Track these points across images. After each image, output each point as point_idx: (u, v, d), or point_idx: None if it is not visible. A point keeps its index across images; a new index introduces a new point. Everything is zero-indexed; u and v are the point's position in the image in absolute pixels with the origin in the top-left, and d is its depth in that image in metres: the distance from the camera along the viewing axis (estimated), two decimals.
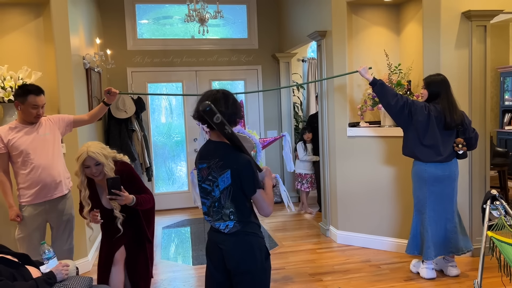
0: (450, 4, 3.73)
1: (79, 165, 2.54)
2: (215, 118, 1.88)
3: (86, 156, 2.49)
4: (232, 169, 1.94)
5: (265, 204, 2.01)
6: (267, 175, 2.12)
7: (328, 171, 4.60)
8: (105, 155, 2.56)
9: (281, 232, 4.95)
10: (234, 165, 1.94)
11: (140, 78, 6.02)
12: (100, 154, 2.52)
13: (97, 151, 2.52)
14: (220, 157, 1.98)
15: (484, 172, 3.89)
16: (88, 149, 2.51)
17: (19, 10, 3.73)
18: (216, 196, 2.00)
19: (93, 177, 2.59)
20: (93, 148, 2.53)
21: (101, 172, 2.56)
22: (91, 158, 2.51)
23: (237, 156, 1.97)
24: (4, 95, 3.37)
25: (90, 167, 2.54)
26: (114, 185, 2.49)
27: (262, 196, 2.00)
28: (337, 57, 4.32)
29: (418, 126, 3.28)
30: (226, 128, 1.92)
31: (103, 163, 2.53)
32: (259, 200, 2.00)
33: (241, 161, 1.95)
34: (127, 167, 2.72)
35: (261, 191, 2.00)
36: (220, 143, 2.02)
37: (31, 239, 2.98)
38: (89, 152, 2.50)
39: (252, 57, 6.33)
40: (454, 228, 3.37)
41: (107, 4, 5.81)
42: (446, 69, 3.73)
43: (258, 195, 1.98)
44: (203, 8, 4.58)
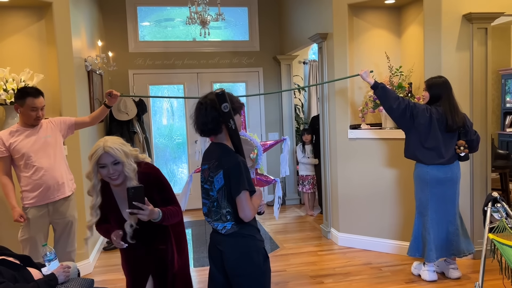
0: (451, 7, 3.74)
1: (92, 164, 2.05)
2: (223, 106, 1.90)
3: (102, 152, 2.01)
4: (224, 169, 1.97)
5: (247, 207, 1.95)
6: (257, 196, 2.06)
7: (330, 173, 4.60)
8: (125, 152, 2.07)
9: (282, 234, 4.95)
10: (225, 165, 1.97)
11: (141, 80, 6.03)
12: (119, 151, 2.04)
13: (115, 147, 2.03)
14: (216, 158, 2.03)
15: (486, 174, 3.89)
16: (104, 144, 2.02)
17: (22, 12, 3.74)
18: (214, 196, 2.03)
19: (110, 180, 2.09)
20: (111, 143, 2.04)
21: (120, 173, 2.07)
22: (108, 155, 2.02)
23: (229, 157, 2.00)
24: (6, 97, 3.38)
25: (106, 166, 2.04)
26: (136, 196, 1.97)
27: (246, 199, 1.95)
28: (338, 59, 4.32)
29: (420, 128, 3.28)
30: (230, 122, 1.94)
31: (122, 162, 2.03)
32: (242, 201, 1.94)
33: (231, 162, 1.97)
34: (154, 170, 2.22)
35: (247, 194, 1.95)
36: (218, 144, 2.07)
37: (34, 241, 2.99)
38: (106, 148, 2.01)
39: (253, 59, 6.34)
40: (456, 230, 3.37)
41: (109, 7, 5.83)
42: (447, 72, 3.74)
43: (242, 196, 1.94)
44: (204, 10, 4.59)
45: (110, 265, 4.15)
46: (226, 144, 2.05)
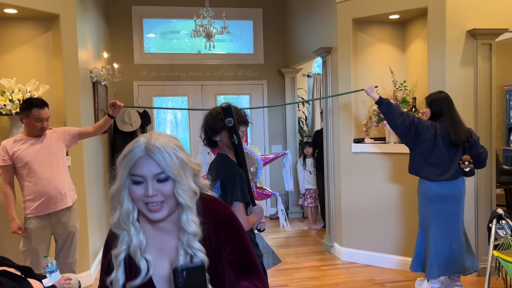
0: (455, 23, 3.75)
1: (122, 176, 1.18)
2: (227, 120, 1.92)
3: (141, 154, 1.15)
4: (221, 179, 1.97)
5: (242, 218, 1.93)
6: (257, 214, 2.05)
7: (333, 187, 4.58)
8: (183, 161, 1.19)
9: (284, 248, 4.92)
10: (222, 175, 1.98)
11: (146, 92, 6.06)
12: (173, 157, 1.17)
13: (168, 149, 1.16)
14: (215, 168, 2.05)
15: (490, 190, 3.86)
16: (149, 141, 1.16)
17: (30, 24, 3.79)
18: None
19: (147, 210, 1.18)
20: (162, 141, 1.17)
21: (166, 198, 1.17)
22: (152, 161, 1.15)
23: (227, 167, 2.01)
24: (12, 107, 3.40)
25: (144, 182, 1.16)
26: (192, 280, 1.12)
27: (237, 210, 1.93)
28: (343, 73, 4.33)
29: (424, 145, 3.27)
30: (234, 137, 1.95)
31: (175, 178, 1.16)
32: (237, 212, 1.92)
33: (228, 172, 1.98)
34: (228, 210, 1.31)
35: (240, 206, 1.94)
36: (220, 155, 2.09)
37: (36, 252, 2.98)
38: (151, 146, 1.15)
39: (257, 72, 6.37)
40: (460, 247, 3.33)
41: (115, 19, 5.89)
42: (451, 87, 3.74)
43: (234, 207, 1.93)
44: (209, 23, 4.63)
45: None
46: (228, 156, 2.05)
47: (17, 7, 3.51)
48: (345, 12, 4.28)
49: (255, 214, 2.04)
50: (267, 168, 6.12)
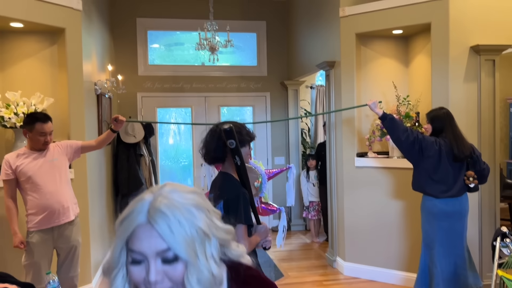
0: (458, 38, 3.76)
1: (116, 247, 0.87)
2: (229, 142, 1.91)
3: (141, 221, 0.84)
4: (224, 200, 1.95)
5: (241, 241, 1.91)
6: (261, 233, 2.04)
7: (336, 201, 4.57)
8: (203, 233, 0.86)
9: (287, 262, 4.89)
10: (225, 196, 1.96)
11: (149, 103, 6.09)
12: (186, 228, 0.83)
13: (179, 216, 0.84)
14: (218, 188, 2.03)
15: (494, 205, 3.85)
16: (154, 202, 0.85)
17: (35, 37, 3.82)
18: None
19: None
20: (173, 200, 0.85)
21: (175, 285, 0.85)
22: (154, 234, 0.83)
23: (230, 188, 1.98)
24: (17, 120, 3.42)
25: (144, 261, 0.84)
26: None
27: (242, 232, 1.92)
28: (346, 87, 4.34)
29: (428, 161, 3.25)
30: (236, 158, 1.94)
31: (188, 259, 0.83)
32: (238, 235, 1.91)
33: (232, 193, 1.96)
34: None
35: (242, 228, 1.93)
36: (222, 173, 2.07)
37: (38, 266, 2.97)
38: (155, 212, 0.83)
39: (261, 84, 6.39)
40: (464, 264, 3.30)
41: (120, 31, 5.93)
42: (454, 102, 3.74)
43: (239, 229, 1.92)
44: (213, 37, 4.66)
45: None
46: (232, 174, 2.04)
47: (23, 21, 3.55)
48: (349, 27, 4.30)
49: (259, 233, 2.02)
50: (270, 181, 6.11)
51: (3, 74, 3.76)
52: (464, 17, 3.77)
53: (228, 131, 1.90)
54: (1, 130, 3.63)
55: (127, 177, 5.44)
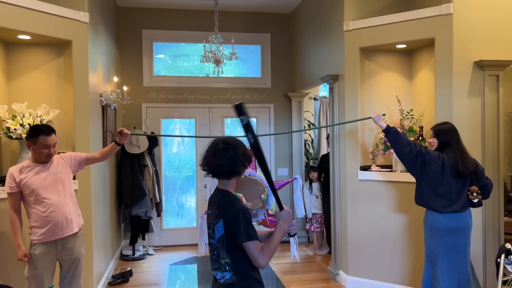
0: (462, 54, 3.77)
1: None
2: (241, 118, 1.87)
3: None
4: (224, 219, 1.93)
5: (256, 256, 1.89)
6: (285, 218, 2.00)
7: (339, 214, 4.56)
8: None
9: (289, 275, 4.87)
10: (225, 215, 1.93)
11: (154, 114, 6.12)
12: None
13: None
14: (217, 206, 2.00)
15: (498, 220, 3.82)
16: None
17: (42, 49, 3.86)
18: (214, 244, 1.99)
19: None
20: None
21: None
22: None
23: (230, 206, 1.95)
24: (22, 132, 3.44)
25: None
26: None
27: (252, 249, 1.89)
28: (349, 100, 4.36)
29: (431, 176, 3.25)
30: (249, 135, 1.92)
31: None
32: (250, 252, 1.90)
33: (231, 212, 1.92)
34: None
35: (255, 243, 1.89)
36: (221, 191, 2.04)
37: (41, 278, 2.97)
38: None
39: (264, 96, 6.42)
40: (468, 280, 3.28)
41: (126, 42, 6.00)
42: (458, 117, 3.74)
43: (247, 247, 1.89)
44: (218, 50, 4.69)
45: None
46: (230, 192, 2.01)
47: (30, 34, 3.59)
48: (353, 41, 4.32)
49: (284, 220, 1.98)
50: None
51: (10, 86, 3.80)
52: (468, 32, 3.78)
53: (238, 106, 1.83)
54: (6, 141, 3.65)
55: (131, 187, 5.45)
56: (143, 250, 5.80)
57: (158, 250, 5.96)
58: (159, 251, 5.94)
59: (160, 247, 6.06)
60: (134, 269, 5.06)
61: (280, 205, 2.02)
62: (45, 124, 3.27)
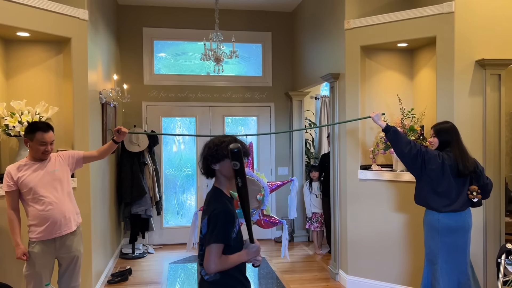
0: (463, 52, 3.75)
1: None
2: (233, 163, 1.86)
3: None
4: (208, 216, 1.92)
5: (210, 258, 1.87)
6: (250, 252, 1.97)
7: (339, 214, 4.54)
8: None
9: (289, 274, 4.85)
10: (209, 212, 1.92)
11: (154, 112, 6.11)
12: None
13: None
14: (207, 203, 2.00)
15: (499, 220, 3.80)
16: None
17: (41, 47, 3.85)
18: (202, 239, 1.97)
19: None
20: None
21: None
22: None
23: (215, 204, 1.94)
24: (21, 129, 3.43)
25: None
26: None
27: (212, 252, 1.86)
28: (350, 99, 4.34)
29: (431, 175, 3.22)
30: (238, 180, 1.89)
31: None
32: (208, 252, 1.88)
33: (215, 209, 1.91)
34: None
35: (215, 247, 1.86)
36: (213, 188, 2.03)
37: (39, 276, 2.95)
38: None
39: (265, 95, 6.40)
40: (468, 281, 3.25)
41: (126, 40, 5.98)
42: (459, 116, 3.72)
43: (210, 247, 1.87)
44: (219, 48, 4.67)
45: None
46: (222, 191, 2.00)
47: (29, 31, 3.58)
48: (354, 39, 4.30)
49: (248, 252, 1.96)
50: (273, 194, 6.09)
51: (9, 83, 3.78)
52: (470, 31, 3.76)
53: (235, 152, 1.83)
54: (5, 138, 3.65)
55: (131, 185, 5.44)
56: (143, 248, 5.79)
57: (158, 249, 5.95)
58: (159, 249, 5.93)
59: (160, 246, 6.06)
60: (133, 267, 5.05)
61: (251, 239, 1.99)
62: (43, 121, 3.26)
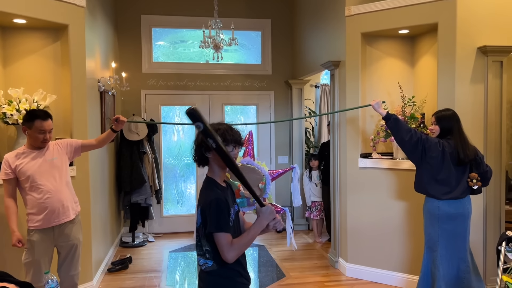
0: (465, 39, 3.70)
1: None
2: (196, 125, 1.71)
3: None
4: (201, 206, 1.88)
5: (223, 248, 1.81)
6: (265, 215, 1.89)
7: (339, 202, 4.53)
8: None
9: (289, 262, 4.86)
10: (201, 202, 1.88)
11: (153, 101, 6.07)
12: None
13: None
14: (200, 192, 1.96)
15: (500, 208, 3.79)
16: None
17: (38, 34, 3.80)
18: (197, 229, 1.94)
19: None
20: None
21: None
22: None
23: (206, 193, 1.89)
24: (19, 117, 3.40)
25: None
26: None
27: (220, 240, 1.81)
28: (350, 87, 4.30)
29: (432, 162, 3.21)
30: (209, 141, 1.74)
31: None
32: (217, 243, 1.82)
33: (206, 200, 1.86)
34: None
35: (224, 235, 1.81)
36: (206, 178, 1.98)
37: (38, 264, 2.96)
38: None
39: (265, 83, 6.36)
40: (467, 268, 3.26)
41: (124, 28, 5.92)
42: (460, 104, 3.69)
43: (216, 238, 1.82)
44: (218, 35, 4.62)
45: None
46: (215, 180, 1.94)
47: (26, 17, 3.53)
48: (354, 26, 4.25)
49: (263, 216, 1.88)
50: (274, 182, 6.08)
51: (6, 71, 3.75)
52: (472, 17, 3.71)
53: (190, 113, 1.64)
54: (3, 126, 3.62)
55: (130, 174, 5.43)
56: (143, 237, 5.80)
57: (158, 237, 5.96)
58: (159, 238, 5.94)
59: (160, 234, 6.07)
60: (133, 256, 5.06)
61: (260, 202, 1.92)
62: (41, 109, 3.23)
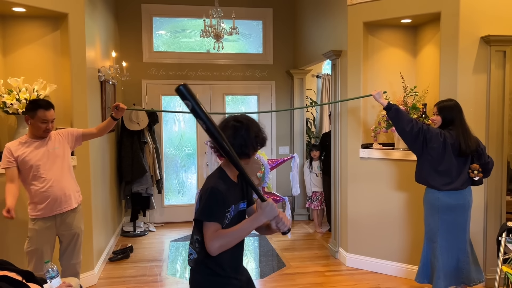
0: (468, 29, 3.67)
1: None
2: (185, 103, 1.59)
3: None
4: (200, 194, 1.83)
5: (207, 238, 1.71)
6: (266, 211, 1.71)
7: (339, 192, 4.53)
8: None
9: (289, 252, 4.88)
10: (202, 190, 1.84)
11: (154, 90, 6.05)
12: None
13: None
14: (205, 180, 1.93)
15: (500, 199, 3.79)
16: None
17: (38, 23, 3.78)
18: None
19: None
20: None
21: None
22: None
23: (207, 181, 1.85)
24: (19, 106, 3.40)
25: None
26: None
27: (206, 229, 1.73)
28: (352, 77, 4.27)
29: (433, 153, 3.20)
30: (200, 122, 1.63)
31: None
32: (204, 233, 1.74)
33: (204, 187, 1.82)
34: None
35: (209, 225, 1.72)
36: (218, 167, 1.94)
37: (41, 253, 2.98)
38: None
39: (266, 73, 6.33)
40: (467, 258, 3.27)
41: (124, 17, 5.88)
42: (462, 94, 3.67)
43: (204, 226, 1.74)
44: (219, 24, 4.59)
45: (115, 277, 4.13)
46: (225, 171, 1.88)
47: (25, 6, 3.50)
48: (356, 16, 4.21)
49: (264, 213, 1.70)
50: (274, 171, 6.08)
51: (6, 60, 3.73)
52: (475, 6, 3.67)
53: (180, 90, 1.54)
54: (3, 116, 3.62)
55: (131, 164, 5.43)
56: (144, 226, 5.82)
57: (159, 227, 5.98)
58: (160, 227, 5.96)
59: (161, 224, 6.09)
60: (135, 245, 5.08)
61: (261, 197, 1.74)
62: (44, 98, 3.23)
